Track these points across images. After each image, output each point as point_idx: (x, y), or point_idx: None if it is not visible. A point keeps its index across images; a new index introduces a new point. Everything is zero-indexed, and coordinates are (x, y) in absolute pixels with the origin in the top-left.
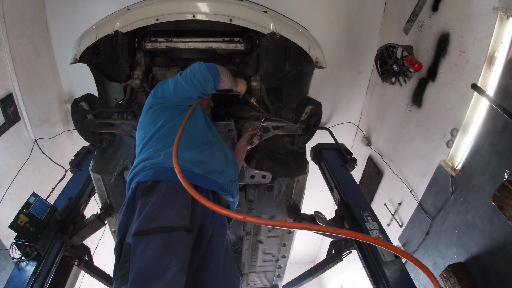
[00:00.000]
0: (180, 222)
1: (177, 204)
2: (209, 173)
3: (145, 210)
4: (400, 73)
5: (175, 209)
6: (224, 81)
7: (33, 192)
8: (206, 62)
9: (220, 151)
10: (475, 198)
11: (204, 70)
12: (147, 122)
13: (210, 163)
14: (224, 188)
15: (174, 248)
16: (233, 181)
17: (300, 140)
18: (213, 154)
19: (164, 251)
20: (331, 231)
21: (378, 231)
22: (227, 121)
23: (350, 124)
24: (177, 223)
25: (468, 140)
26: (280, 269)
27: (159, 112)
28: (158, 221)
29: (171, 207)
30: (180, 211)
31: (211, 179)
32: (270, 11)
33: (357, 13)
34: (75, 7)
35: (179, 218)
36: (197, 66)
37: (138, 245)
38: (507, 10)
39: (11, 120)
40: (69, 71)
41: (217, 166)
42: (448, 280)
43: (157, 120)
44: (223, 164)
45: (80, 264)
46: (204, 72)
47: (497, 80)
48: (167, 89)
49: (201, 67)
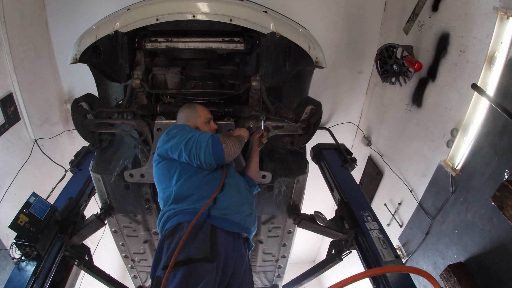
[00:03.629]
0: (201, 254)
1: (197, 239)
2: (225, 214)
3: (171, 247)
4: (400, 73)
5: (196, 244)
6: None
7: (33, 192)
8: (206, 62)
9: (234, 191)
10: (475, 198)
11: (209, 157)
12: (162, 178)
13: (226, 208)
14: (241, 226)
15: (197, 277)
16: (249, 215)
17: (300, 140)
18: (228, 198)
19: (189, 280)
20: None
21: (378, 231)
22: (227, 121)
23: (350, 124)
24: (198, 255)
25: (468, 140)
26: (280, 269)
27: (168, 166)
28: (182, 255)
29: (192, 243)
30: (200, 245)
31: (227, 219)
32: (270, 11)
33: (357, 13)
34: (75, 7)
35: (199, 251)
36: (202, 153)
37: (171, 278)
38: (507, 10)
39: (11, 120)
40: (69, 71)
41: (233, 208)
42: (448, 280)
43: (170, 174)
44: (238, 203)
45: (80, 264)
46: (208, 159)
47: (497, 80)
48: (171, 155)
49: (207, 155)
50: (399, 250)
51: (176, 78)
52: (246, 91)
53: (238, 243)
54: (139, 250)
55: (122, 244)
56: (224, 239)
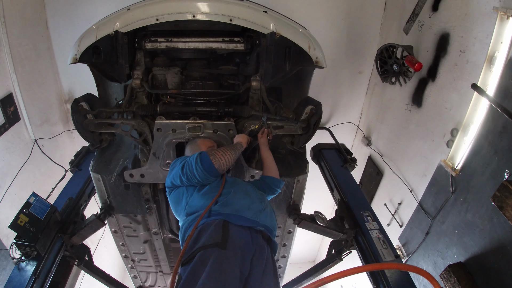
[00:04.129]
0: (212, 240)
1: (209, 231)
2: (236, 211)
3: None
4: (400, 73)
5: (207, 234)
6: (225, 166)
7: (33, 192)
8: (206, 62)
9: (243, 194)
10: (475, 198)
11: (202, 172)
12: (177, 204)
13: (237, 207)
14: (254, 221)
15: (208, 259)
16: (261, 211)
17: (300, 140)
18: (237, 200)
19: (201, 262)
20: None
21: (378, 231)
22: (227, 121)
23: (350, 124)
24: (209, 242)
25: (468, 140)
26: (280, 269)
27: (178, 193)
28: (197, 245)
29: (205, 234)
30: (211, 234)
31: (238, 215)
32: (270, 11)
33: (357, 13)
34: (75, 7)
35: (211, 238)
36: (195, 170)
37: (183, 272)
38: (507, 10)
39: (11, 120)
40: (69, 71)
41: (244, 207)
42: (448, 280)
43: (181, 197)
44: (248, 203)
45: (80, 264)
46: (202, 174)
47: (497, 80)
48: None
49: (199, 172)
50: (399, 250)
51: (176, 78)
52: (246, 91)
53: (256, 237)
54: (139, 250)
55: (122, 244)
56: (238, 233)
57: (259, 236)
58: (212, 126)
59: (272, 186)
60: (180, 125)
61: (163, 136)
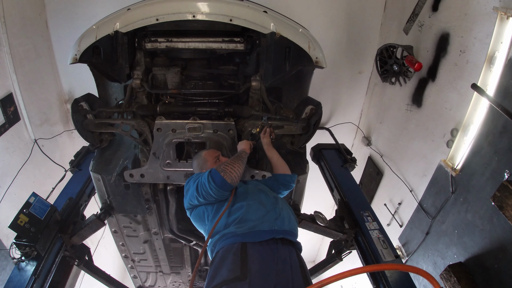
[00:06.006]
0: (231, 274)
1: (226, 262)
2: (253, 228)
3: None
4: (400, 73)
5: (225, 267)
6: (238, 178)
7: (33, 192)
8: (206, 62)
9: (257, 205)
10: (475, 198)
11: (216, 190)
12: (200, 224)
13: (253, 223)
14: (273, 231)
15: None
16: (277, 218)
17: (300, 140)
18: (252, 214)
19: None
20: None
21: (378, 231)
22: (227, 121)
23: (350, 124)
24: (229, 277)
25: (468, 140)
26: None
27: (198, 212)
28: (216, 279)
29: (223, 266)
30: (230, 267)
31: (256, 231)
32: (270, 11)
33: (357, 13)
34: (75, 7)
35: (230, 272)
36: (209, 189)
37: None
38: (507, 10)
39: (11, 120)
40: (69, 71)
41: (259, 220)
42: (448, 280)
43: (202, 217)
44: (263, 214)
45: (80, 264)
46: (216, 191)
47: (497, 80)
48: (193, 203)
49: (213, 190)
50: (399, 250)
51: (176, 78)
52: (246, 91)
53: (276, 248)
54: (139, 250)
55: (122, 244)
56: (255, 252)
57: (279, 244)
58: (212, 126)
59: (285, 183)
60: (180, 125)
61: (163, 136)
